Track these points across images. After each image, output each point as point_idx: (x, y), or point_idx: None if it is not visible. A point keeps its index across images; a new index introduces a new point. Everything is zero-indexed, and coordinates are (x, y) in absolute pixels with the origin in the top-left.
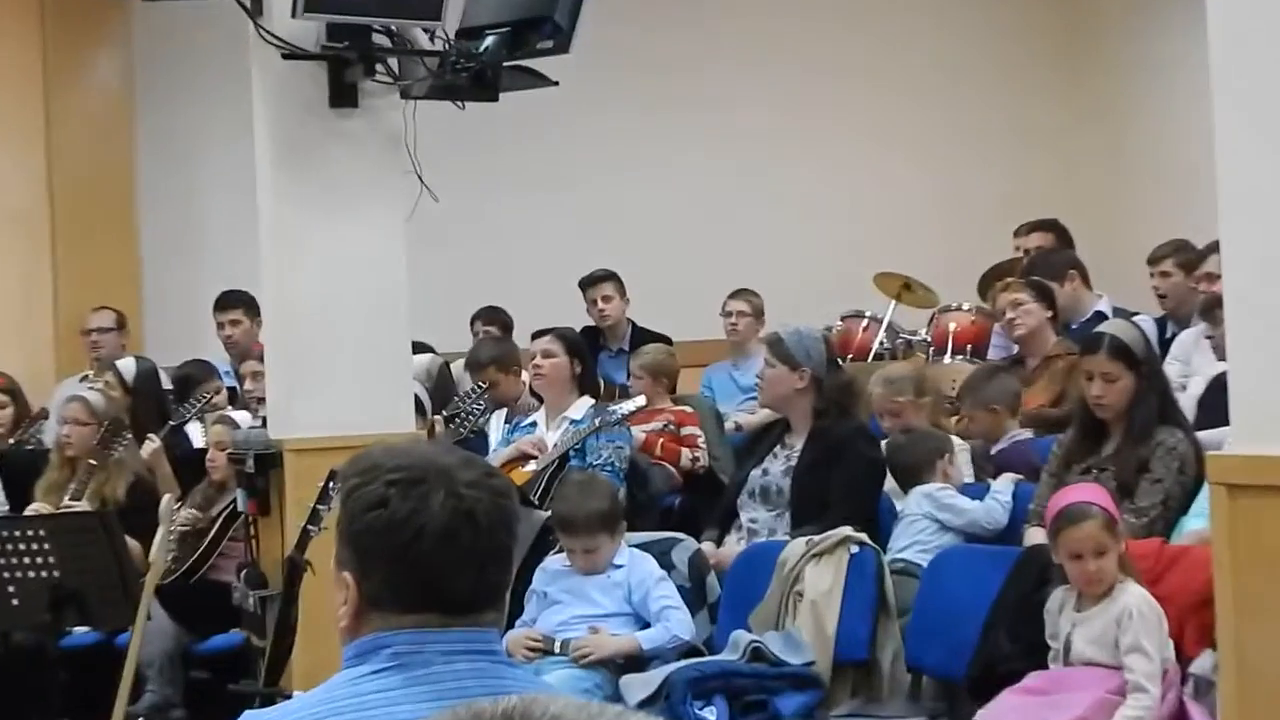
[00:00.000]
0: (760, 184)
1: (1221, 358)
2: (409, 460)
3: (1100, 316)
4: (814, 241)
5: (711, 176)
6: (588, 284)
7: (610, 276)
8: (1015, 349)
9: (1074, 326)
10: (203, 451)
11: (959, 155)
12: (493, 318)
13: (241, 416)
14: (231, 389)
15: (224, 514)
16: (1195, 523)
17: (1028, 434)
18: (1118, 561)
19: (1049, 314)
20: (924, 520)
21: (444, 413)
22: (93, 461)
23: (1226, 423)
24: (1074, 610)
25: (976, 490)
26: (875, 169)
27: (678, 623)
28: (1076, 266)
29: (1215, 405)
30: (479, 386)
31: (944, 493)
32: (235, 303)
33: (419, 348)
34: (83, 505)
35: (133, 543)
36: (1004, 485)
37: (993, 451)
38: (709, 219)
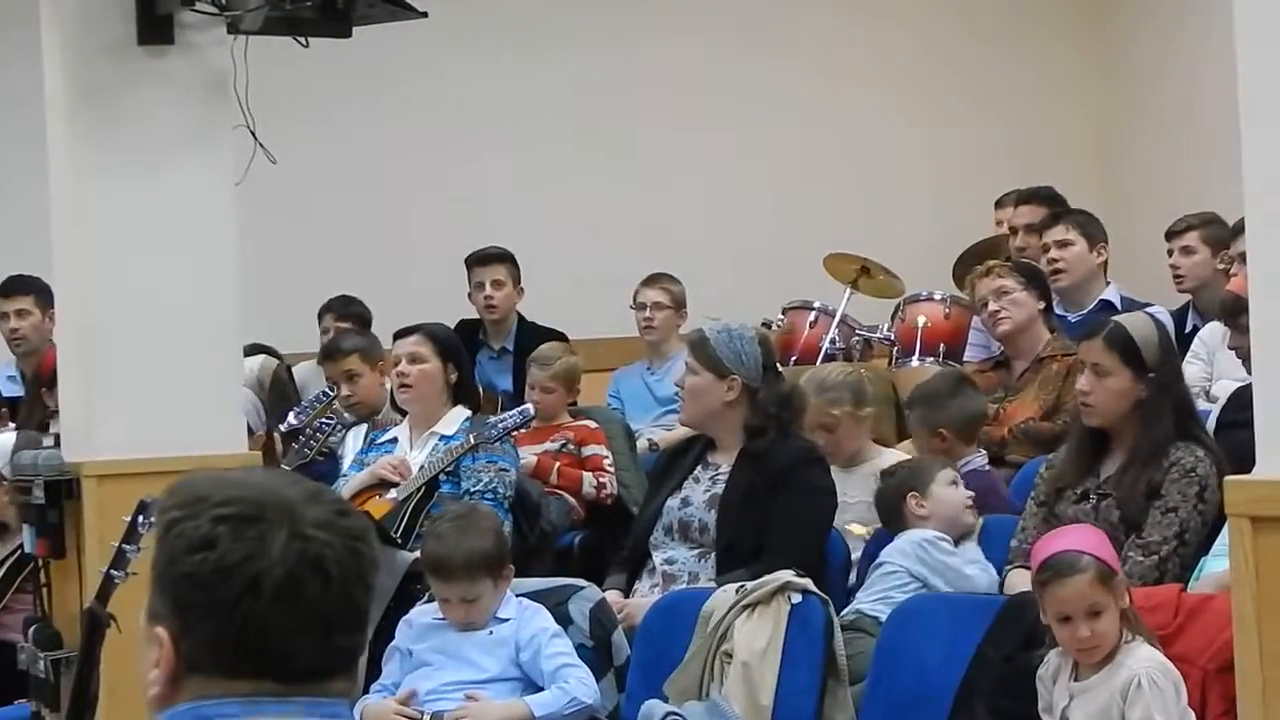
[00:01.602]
0: (679, 140)
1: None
2: (242, 491)
3: (1107, 307)
4: (749, 214)
5: (617, 131)
6: (476, 263)
7: (505, 257)
8: (998, 348)
9: (1073, 320)
10: None
11: (939, 106)
12: (346, 311)
13: (1, 440)
14: (15, 400)
15: (8, 558)
16: (1220, 563)
17: (982, 459)
18: (1120, 619)
19: (1041, 305)
20: (903, 574)
21: (283, 428)
22: None
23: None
24: (1071, 679)
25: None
26: (829, 120)
27: (577, 683)
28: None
29: (1236, 424)
30: (329, 391)
31: (940, 546)
32: (22, 289)
33: (252, 349)
34: None
35: None
36: (971, 549)
37: None
38: (614, 185)
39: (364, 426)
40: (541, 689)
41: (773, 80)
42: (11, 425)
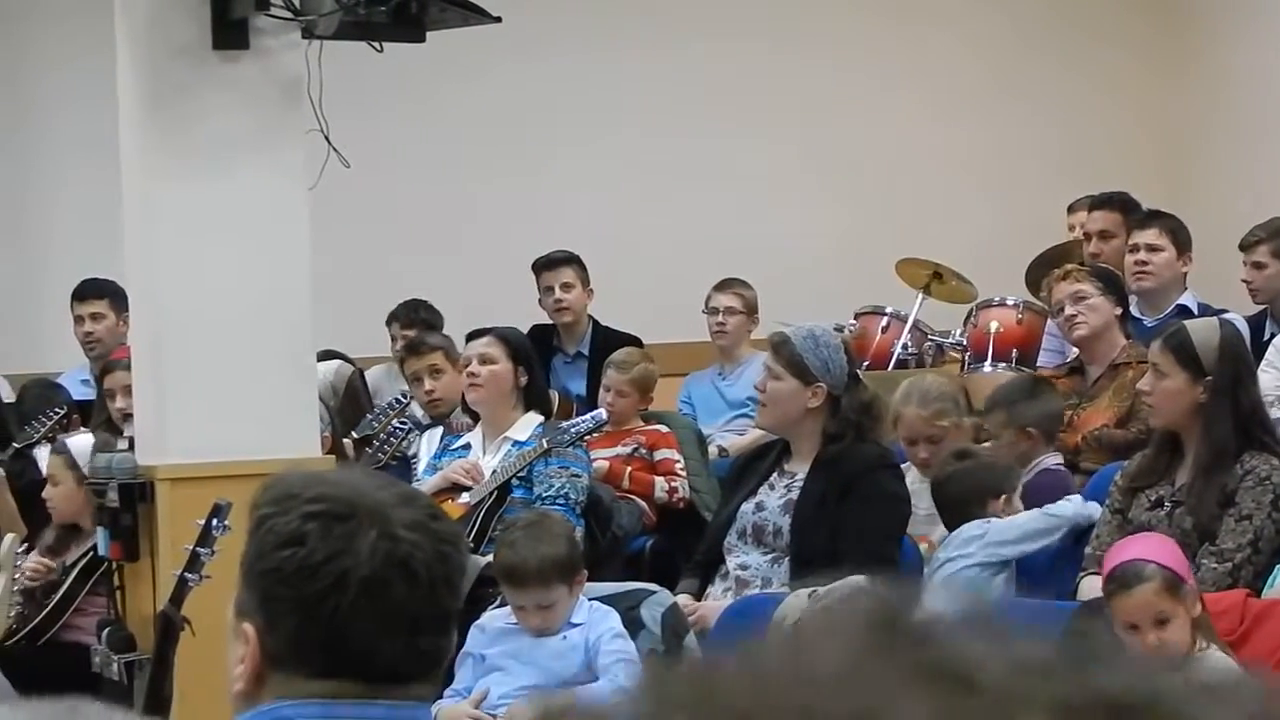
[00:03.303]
0: (750, 144)
1: None
2: (334, 490)
3: (1183, 312)
4: (820, 218)
5: (688, 135)
6: (544, 267)
7: (572, 260)
8: (1072, 353)
9: (1148, 324)
10: None
11: (1009, 111)
12: (414, 318)
13: (81, 441)
14: (88, 403)
15: (81, 561)
16: None
17: (1056, 458)
18: (1191, 627)
19: (1117, 311)
20: (970, 569)
21: (355, 433)
22: None
23: None
24: None
25: None
26: (900, 127)
27: (628, 679)
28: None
29: None
30: (401, 398)
31: (994, 525)
32: (98, 293)
33: (325, 354)
34: None
35: None
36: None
37: None
38: (689, 191)
39: (438, 431)
40: None
41: (843, 84)
42: (83, 429)
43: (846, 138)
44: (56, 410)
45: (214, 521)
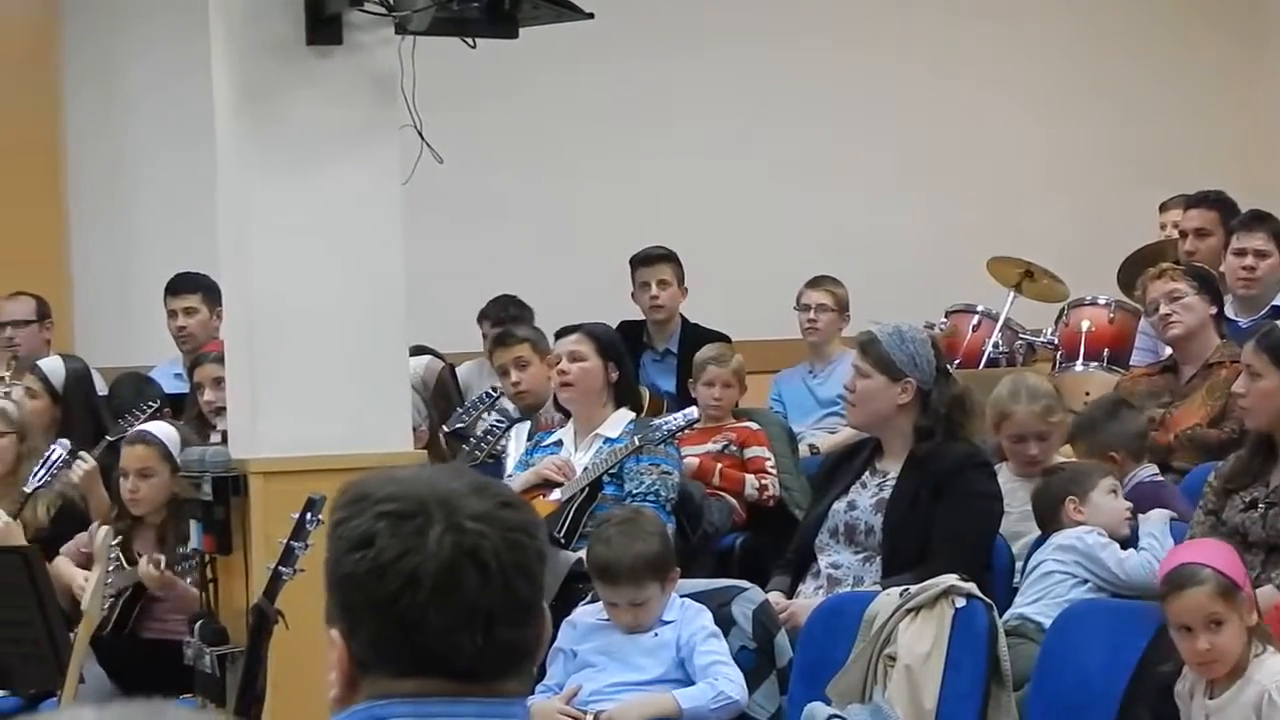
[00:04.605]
0: (844, 144)
1: None
2: (405, 488)
3: (1277, 313)
4: (911, 217)
5: (782, 134)
6: (641, 263)
7: (669, 257)
8: (1166, 352)
9: (1243, 325)
10: None
11: (1098, 112)
12: (503, 315)
13: (164, 429)
14: (180, 396)
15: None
16: None
17: (1150, 470)
18: (1247, 634)
19: (1212, 310)
20: (1060, 572)
21: (445, 427)
22: (27, 490)
23: None
24: (1206, 697)
25: None
26: (992, 127)
27: (726, 680)
28: None
29: None
30: (492, 391)
31: (1093, 538)
32: (192, 286)
33: (416, 350)
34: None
35: (67, 575)
36: (1157, 524)
37: None
38: (781, 189)
39: (525, 425)
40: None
41: (938, 84)
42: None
43: (940, 137)
44: (149, 404)
45: (308, 515)
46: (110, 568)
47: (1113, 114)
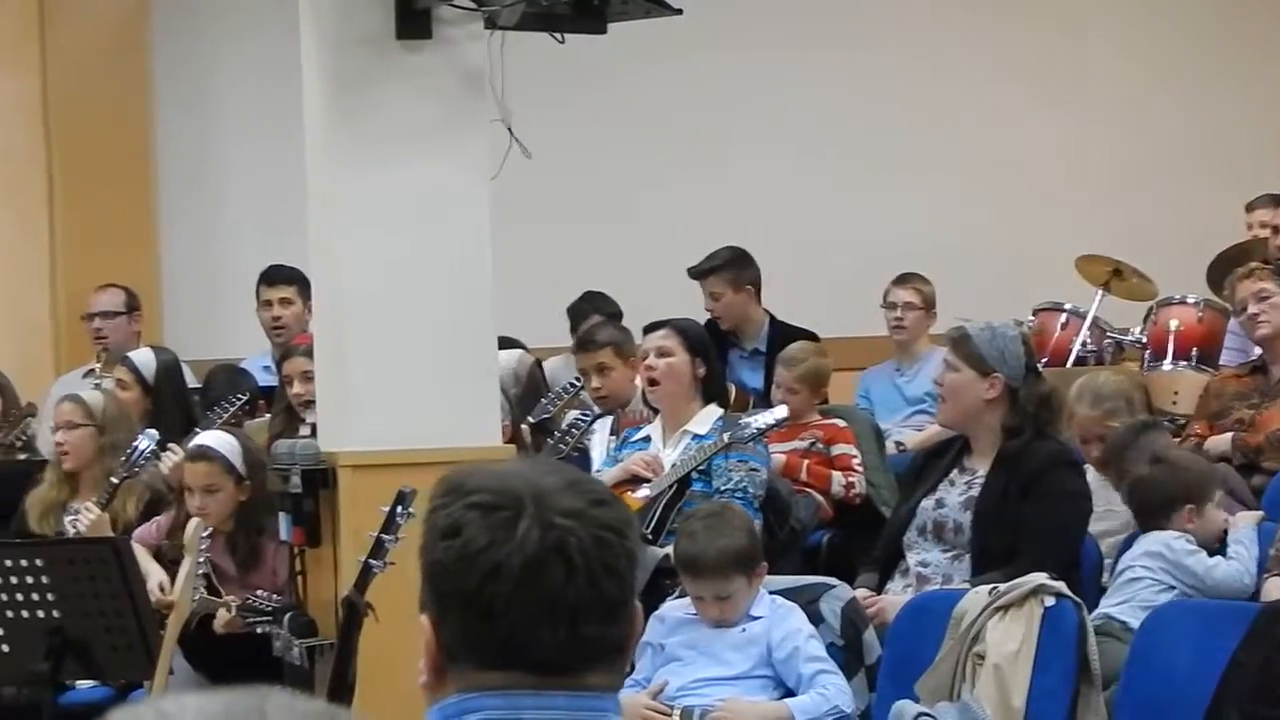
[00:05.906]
0: (931, 142)
1: None
2: (498, 481)
3: None
4: (999, 215)
5: (874, 133)
6: (695, 278)
7: (715, 269)
8: (1256, 352)
9: None
10: None
11: (1188, 106)
12: (591, 308)
13: (223, 440)
14: (270, 389)
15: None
16: None
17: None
18: None
19: None
20: (1149, 579)
21: (530, 418)
22: (114, 480)
23: None
24: None
25: None
26: (1082, 126)
27: (836, 690)
28: None
29: None
30: (575, 382)
31: (1181, 544)
32: (288, 278)
33: (504, 342)
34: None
35: (144, 569)
36: (1245, 530)
37: None
38: (869, 186)
39: (607, 420)
40: (789, 689)
41: (1028, 85)
42: (266, 416)
43: (1030, 136)
44: (239, 396)
45: (398, 508)
46: (201, 559)
47: (1200, 113)
